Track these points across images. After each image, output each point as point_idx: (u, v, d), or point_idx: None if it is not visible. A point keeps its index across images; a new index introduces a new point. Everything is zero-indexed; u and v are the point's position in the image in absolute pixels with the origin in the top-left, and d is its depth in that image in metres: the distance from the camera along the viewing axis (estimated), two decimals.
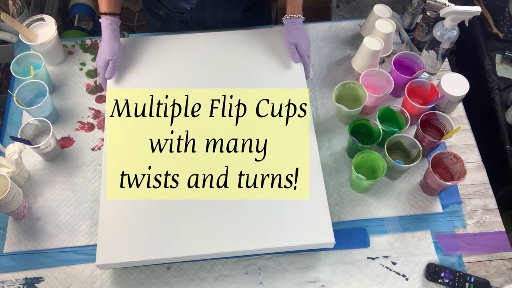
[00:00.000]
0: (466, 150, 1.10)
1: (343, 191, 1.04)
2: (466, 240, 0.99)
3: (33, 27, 1.16)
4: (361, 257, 0.97)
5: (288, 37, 1.11)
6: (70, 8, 1.89)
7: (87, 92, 1.16)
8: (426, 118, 1.04)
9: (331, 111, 1.14)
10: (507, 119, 1.33)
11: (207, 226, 0.93)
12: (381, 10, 1.15)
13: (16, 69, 1.10)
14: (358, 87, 1.07)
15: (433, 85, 1.07)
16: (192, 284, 0.94)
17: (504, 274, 0.96)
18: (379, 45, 1.07)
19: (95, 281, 0.94)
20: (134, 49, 1.14)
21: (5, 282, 0.94)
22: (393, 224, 1.01)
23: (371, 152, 0.98)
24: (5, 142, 1.09)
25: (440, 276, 0.94)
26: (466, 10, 0.99)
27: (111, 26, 1.06)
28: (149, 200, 0.95)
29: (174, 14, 1.22)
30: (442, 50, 1.08)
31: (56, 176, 1.05)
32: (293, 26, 1.11)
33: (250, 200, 0.95)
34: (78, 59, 1.21)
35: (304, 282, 0.95)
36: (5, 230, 0.99)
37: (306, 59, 1.11)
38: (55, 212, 1.01)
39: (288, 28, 1.11)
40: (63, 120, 1.12)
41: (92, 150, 1.08)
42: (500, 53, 1.44)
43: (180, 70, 1.11)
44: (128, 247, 0.91)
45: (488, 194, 1.05)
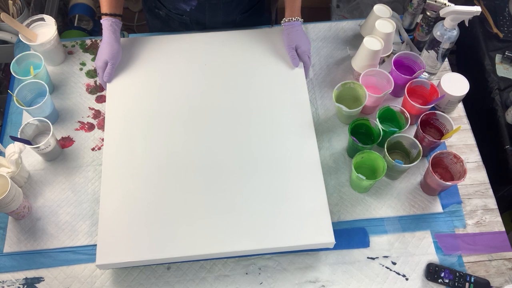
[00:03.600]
0: (466, 150, 1.10)
1: (343, 191, 1.04)
2: (466, 240, 0.99)
3: (33, 27, 1.16)
4: (361, 257, 0.97)
5: (288, 40, 1.11)
6: (70, 8, 1.89)
7: (87, 92, 1.16)
8: (426, 118, 1.04)
9: (331, 111, 1.14)
10: (507, 119, 1.33)
11: (207, 226, 0.93)
12: (381, 10, 1.15)
13: (16, 69, 1.10)
14: (358, 87, 1.07)
15: (433, 85, 1.07)
16: (192, 284, 0.94)
17: (504, 274, 0.96)
18: (379, 45, 1.07)
19: (95, 281, 0.94)
20: (134, 49, 1.14)
21: (5, 282, 0.94)
22: (393, 224, 1.01)
23: (371, 152, 0.98)
24: (5, 142, 1.09)
25: (440, 276, 0.94)
26: (466, 10, 0.99)
27: (111, 27, 1.06)
28: (149, 200, 0.95)
29: (174, 15, 1.22)
30: (442, 50, 1.08)
31: (56, 176, 1.05)
32: (292, 28, 1.11)
33: (250, 200, 0.95)
34: (78, 59, 1.21)
35: (304, 282, 0.95)
36: (5, 230, 0.99)
37: (307, 59, 1.11)
38: (55, 212, 1.01)
39: (287, 31, 1.11)
40: (63, 120, 1.12)
41: (92, 150, 1.08)
42: (500, 53, 1.44)
43: (180, 70, 1.11)
44: (128, 247, 0.91)
45: (488, 194, 1.05)
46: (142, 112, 1.05)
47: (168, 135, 1.02)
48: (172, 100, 1.07)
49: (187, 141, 1.02)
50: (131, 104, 1.06)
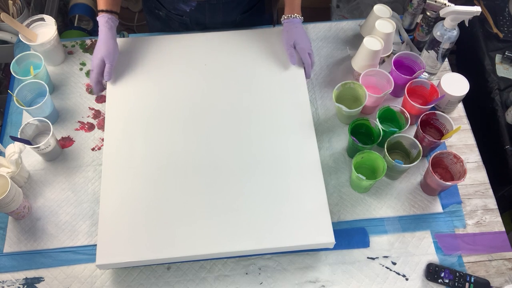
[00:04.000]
0: (466, 150, 1.10)
1: (343, 191, 1.04)
2: (466, 240, 0.99)
3: (33, 27, 1.16)
4: (361, 257, 0.97)
5: (287, 37, 1.10)
6: (70, 8, 1.89)
7: (87, 92, 1.16)
8: (426, 118, 1.04)
9: (331, 111, 1.14)
10: (507, 119, 1.33)
11: (207, 226, 0.92)
12: (381, 10, 1.15)
13: (16, 69, 1.10)
14: (358, 87, 1.07)
15: (433, 85, 1.07)
16: (192, 284, 0.94)
17: (504, 274, 0.96)
18: (379, 45, 1.07)
19: (95, 281, 0.94)
20: (134, 49, 1.14)
21: (5, 282, 0.94)
22: (393, 224, 1.01)
23: (371, 152, 0.98)
24: (5, 142, 1.09)
25: (440, 276, 0.94)
26: (466, 10, 0.99)
27: (107, 24, 1.05)
28: (149, 200, 0.95)
29: (174, 15, 1.22)
30: (442, 50, 1.08)
31: (56, 176, 1.05)
32: (291, 25, 1.10)
33: (250, 200, 0.95)
34: (78, 59, 1.21)
35: (304, 282, 0.95)
36: (5, 230, 0.99)
37: (307, 57, 1.09)
38: (55, 212, 1.01)
39: (286, 28, 1.11)
40: (63, 120, 1.12)
41: (92, 150, 1.08)
42: (500, 53, 1.44)
43: (180, 70, 1.11)
44: (128, 247, 0.90)
45: (488, 194, 1.05)
46: (142, 112, 1.05)
47: (168, 135, 1.02)
48: (172, 100, 1.07)
49: (187, 141, 1.02)
50: (131, 104, 1.06)
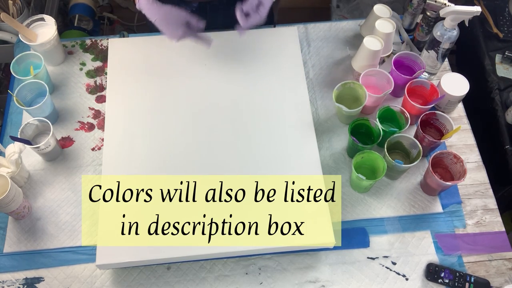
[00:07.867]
0: (466, 150, 1.10)
1: (343, 191, 1.04)
2: (466, 240, 0.99)
3: (33, 27, 1.16)
4: (361, 257, 0.97)
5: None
6: (70, 8, 1.89)
7: (87, 92, 1.16)
8: (426, 118, 1.04)
9: (331, 111, 1.14)
10: (507, 119, 1.33)
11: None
12: (381, 10, 1.15)
13: (16, 69, 1.10)
14: (358, 87, 1.07)
15: (433, 85, 1.07)
16: (192, 284, 0.94)
17: (504, 274, 0.96)
18: (379, 45, 1.07)
19: (95, 281, 0.94)
20: (134, 49, 1.14)
21: (5, 282, 0.94)
22: (393, 224, 1.01)
23: (371, 152, 0.98)
24: (5, 142, 1.09)
25: (440, 276, 0.94)
26: (466, 10, 0.99)
27: None
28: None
29: None
30: (442, 50, 1.08)
31: (56, 176, 1.05)
32: None
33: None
34: (78, 59, 1.21)
35: (304, 282, 0.95)
36: (5, 230, 0.99)
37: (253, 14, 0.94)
38: (55, 212, 1.01)
39: None
40: (63, 120, 1.12)
41: (92, 150, 1.08)
42: (500, 53, 1.44)
43: (180, 70, 1.11)
44: (128, 247, 0.90)
45: (488, 194, 1.05)
46: (142, 112, 1.05)
47: (168, 135, 1.02)
48: (172, 100, 1.07)
49: (186, 141, 1.02)
50: (131, 104, 1.06)
